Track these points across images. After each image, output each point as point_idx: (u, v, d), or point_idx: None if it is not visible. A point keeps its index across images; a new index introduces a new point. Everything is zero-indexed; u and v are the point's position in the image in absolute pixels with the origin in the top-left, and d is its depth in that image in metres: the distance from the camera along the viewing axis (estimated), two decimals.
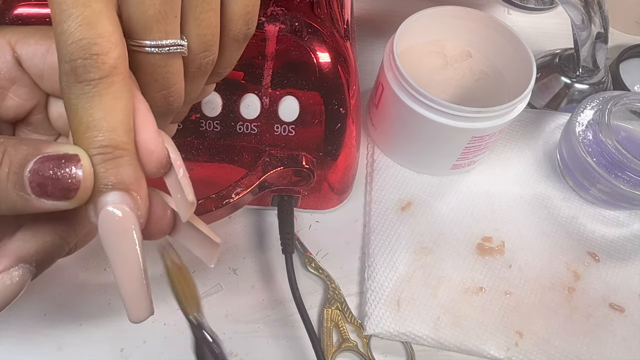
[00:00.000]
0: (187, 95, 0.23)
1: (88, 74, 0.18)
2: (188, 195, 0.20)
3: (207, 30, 0.21)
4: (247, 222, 0.42)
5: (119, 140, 0.18)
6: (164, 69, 0.20)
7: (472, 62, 0.45)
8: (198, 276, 0.40)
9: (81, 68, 0.17)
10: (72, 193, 0.18)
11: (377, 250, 0.41)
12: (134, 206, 0.18)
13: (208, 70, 0.22)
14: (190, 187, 0.20)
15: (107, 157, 0.18)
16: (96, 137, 0.18)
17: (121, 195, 0.18)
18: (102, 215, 0.18)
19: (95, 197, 0.18)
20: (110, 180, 0.18)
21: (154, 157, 0.19)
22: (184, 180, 0.20)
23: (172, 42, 0.20)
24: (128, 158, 0.18)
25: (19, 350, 0.36)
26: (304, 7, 0.33)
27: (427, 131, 0.40)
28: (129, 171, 0.18)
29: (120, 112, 0.18)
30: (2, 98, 0.22)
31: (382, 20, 0.56)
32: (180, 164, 0.20)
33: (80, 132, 0.18)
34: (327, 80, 0.34)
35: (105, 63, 0.18)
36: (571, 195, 0.45)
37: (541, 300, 0.40)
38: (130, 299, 0.19)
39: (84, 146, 0.18)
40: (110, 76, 0.18)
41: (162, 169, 0.20)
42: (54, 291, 0.38)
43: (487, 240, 0.42)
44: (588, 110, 0.43)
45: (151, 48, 0.20)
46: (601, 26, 0.43)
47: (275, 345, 0.38)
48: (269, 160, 0.36)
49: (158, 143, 0.19)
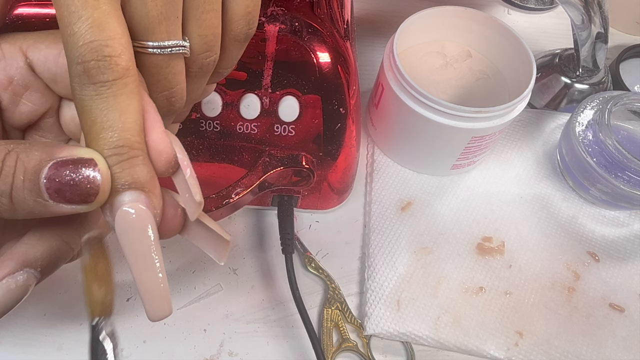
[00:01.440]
0: (189, 95, 0.23)
1: (102, 75, 0.18)
2: (195, 195, 0.20)
3: (209, 31, 0.21)
4: (247, 222, 0.42)
5: (134, 140, 0.18)
6: (166, 70, 0.21)
7: (472, 62, 0.45)
8: (198, 276, 0.40)
9: (95, 70, 0.18)
10: (92, 197, 0.18)
11: (377, 250, 0.41)
12: (150, 205, 0.19)
13: (210, 70, 0.22)
14: (197, 187, 0.20)
15: (123, 158, 0.18)
16: (111, 138, 0.18)
17: (137, 194, 0.18)
18: (119, 215, 0.18)
19: (111, 197, 0.18)
20: (126, 180, 0.18)
21: (163, 157, 0.19)
22: (191, 181, 0.20)
23: (175, 43, 0.20)
24: (142, 158, 0.19)
25: (19, 350, 0.36)
26: (304, 7, 0.33)
27: (427, 131, 0.40)
28: (143, 171, 0.19)
29: (134, 113, 0.18)
30: (16, 104, 0.22)
31: (382, 20, 0.56)
32: (187, 164, 0.20)
33: (94, 132, 0.18)
34: (327, 80, 0.34)
35: (119, 65, 0.18)
36: (571, 195, 0.45)
37: (541, 300, 0.40)
38: (149, 297, 0.19)
39: (99, 147, 0.18)
40: (124, 77, 0.18)
41: (171, 169, 0.20)
42: (54, 291, 0.38)
43: (487, 240, 0.42)
44: (588, 110, 0.43)
45: (154, 49, 0.20)
46: (601, 26, 0.43)
47: (275, 345, 0.38)
48: (269, 160, 0.36)
49: (166, 143, 0.19)
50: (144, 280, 0.19)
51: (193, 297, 0.39)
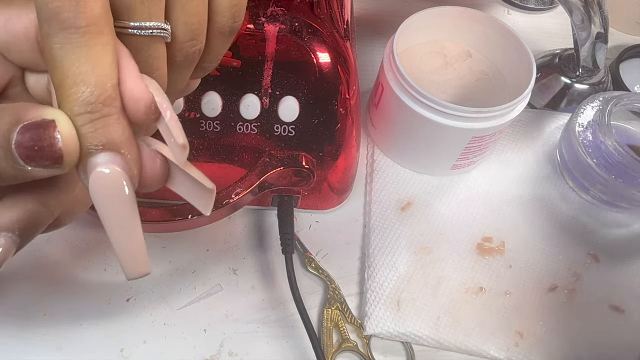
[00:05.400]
0: (173, 86, 0.22)
1: (75, 20, 0.16)
2: (178, 138, 0.19)
3: (194, 19, 0.20)
4: (247, 222, 0.42)
5: (107, 95, 0.17)
6: (146, 52, 0.20)
7: (472, 62, 0.45)
8: (198, 276, 0.40)
9: (66, 13, 0.16)
10: (59, 159, 0.17)
11: (377, 250, 0.41)
12: (126, 166, 0.18)
13: (194, 60, 0.22)
14: (179, 129, 0.19)
15: (95, 116, 0.17)
16: (83, 93, 0.17)
17: (112, 156, 0.17)
18: (93, 177, 0.17)
19: (84, 159, 0.17)
20: (99, 141, 0.17)
21: (141, 104, 0.18)
22: (172, 123, 0.19)
23: (156, 24, 0.19)
24: (117, 116, 0.18)
25: (19, 350, 0.36)
26: (304, 7, 0.33)
27: (427, 131, 0.40)
28: (118, 130, 0.18)
29: (108, 65, 0.17)
30: None
31: (382, 20, 0.56)
32: (166, 106, 0.19)
33: (65, 86, 0.17)
34: (327, 81, 0.34)
35: (94, 10, 0.17)
36: (571, 195, 0.45)
37: (541, 300, 0.40)
38: (125, 256, 0.19)
39: (69, 104, 0.17)
40: (98, 24, 0.17)
41: (152, 115, 0.19)
42: (54, 291, 0.38)
43: (487, 240, 0.42)
44: (588, 110, 0.43)
45: (134, 30, 0.19)
46: (601, 26, 0.43)
47: (275, 345, 0.38)
48: (269, 160, 0.36)
49: (143, 89, 0.18)
50: (119, 241, 0.18)
51: (193, 297, 0.39)
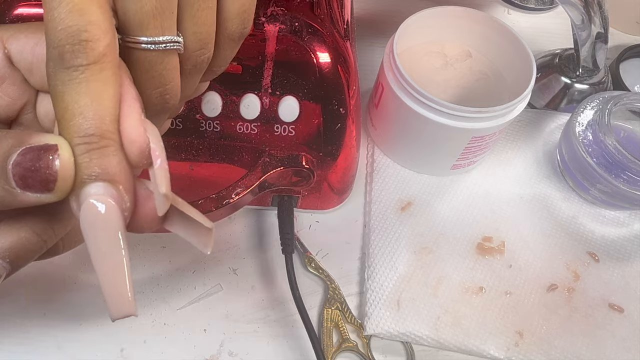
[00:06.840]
0: (182, 92, 0.23)
1: (76, 60, 0.17)
2: (160, 187, 0.18)
3: (204, 28, 0.21)
4: (247, 222, 0.42)
5: (105, 128, 0.18)
6: (160, 66, 0.20)
7: (472, 62, 0.45)
8: (198, 276, 0.40)
9: (69, 54, 0.17)
10: (51, 184, 0.17)
11: (377, 250, 0.41)
12: (119, 198, 0.18)
13: (204, 67, 0.22)
14: (163, 178, 0.19)
15: (92, 147, 0.17)
16: (82, 125, 0.17)
17: (105, 187, 0.17)
18: (84, 207, 0.17)
19: (77, 188, 0.18)
20: (94, 171, 0.17)
21: (136, 146, 0.18)
22: (158, 171, 0.19)
23: (169, 38, 0.20)
24: (114, 148, 0.18)
25: (19, 350, 0.36)
26: (304, 7, 0.33)
27: (427, 131, 0.40)
28: (113, 162, 0.18)
29: (108, 100, 0.18)
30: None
31: (382, 20, 0.56)
32: (159, 154, 0.19)
33: (65, 119, 0.18)
34: (327, 81, 0.34)
35: (95, 50, 0.17)
36: (571, 195, 0.45)
37: (541, 300, 0.40)
38: (111, 295, 0.18)
39: (69, 134, 0.17)
40: (99, 63, 0.18)
41: (145, 160, 0.19)
42: (54, 291, 0.38)
43: (487, 240, 0.42)
44: (588, 110, 0.43)
45: (147, 45, 0.19)
46: (601, 26, 0.43)
47: (275, 345, 0.38)
48: (269, 160, 0.36)
49: (140, 132, 0.18)
50: (106, 277, 0.18)
51: (193, 297, 0.39)
